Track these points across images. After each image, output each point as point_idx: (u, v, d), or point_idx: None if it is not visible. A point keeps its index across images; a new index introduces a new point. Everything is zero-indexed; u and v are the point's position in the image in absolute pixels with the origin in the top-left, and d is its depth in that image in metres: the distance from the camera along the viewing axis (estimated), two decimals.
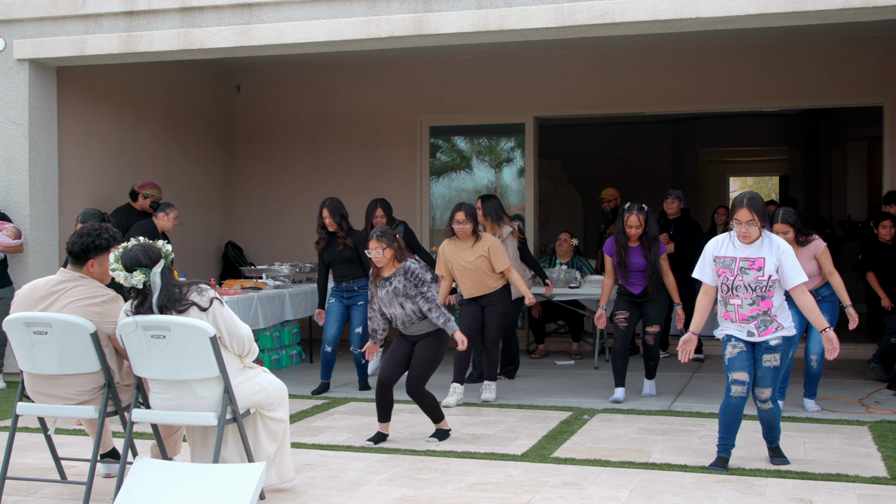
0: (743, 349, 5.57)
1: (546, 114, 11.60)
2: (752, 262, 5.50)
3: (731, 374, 5.59)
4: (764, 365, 5.57)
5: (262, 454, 5.12)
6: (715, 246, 5.66)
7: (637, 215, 7.75)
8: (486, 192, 10.98)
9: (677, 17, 7.33)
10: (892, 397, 8.01)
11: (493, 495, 5.19)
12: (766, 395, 5.64)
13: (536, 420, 7.18)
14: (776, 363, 5.57)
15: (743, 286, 5.50)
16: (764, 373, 5.58)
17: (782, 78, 10.77)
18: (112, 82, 10.16)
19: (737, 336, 5.60)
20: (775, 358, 5.57)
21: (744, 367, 5.56)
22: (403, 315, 6.37)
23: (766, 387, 5.62)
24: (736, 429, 5.67)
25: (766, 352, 5.56)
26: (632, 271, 7.82)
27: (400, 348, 6.50)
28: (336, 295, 8.39)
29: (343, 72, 11.87)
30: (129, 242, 4.97)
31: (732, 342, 5.60)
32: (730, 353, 5.60)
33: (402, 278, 6.30)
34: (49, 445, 5.47)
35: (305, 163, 12.07)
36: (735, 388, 5.57)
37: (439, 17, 7.86)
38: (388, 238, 6.32)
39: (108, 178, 10.13)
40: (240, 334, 4.99)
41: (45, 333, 4.99)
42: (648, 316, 7.91)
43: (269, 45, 8.38)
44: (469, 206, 7.85)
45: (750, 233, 5.49)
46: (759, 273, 5.48)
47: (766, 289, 5.49)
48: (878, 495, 5.17)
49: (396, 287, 6.31)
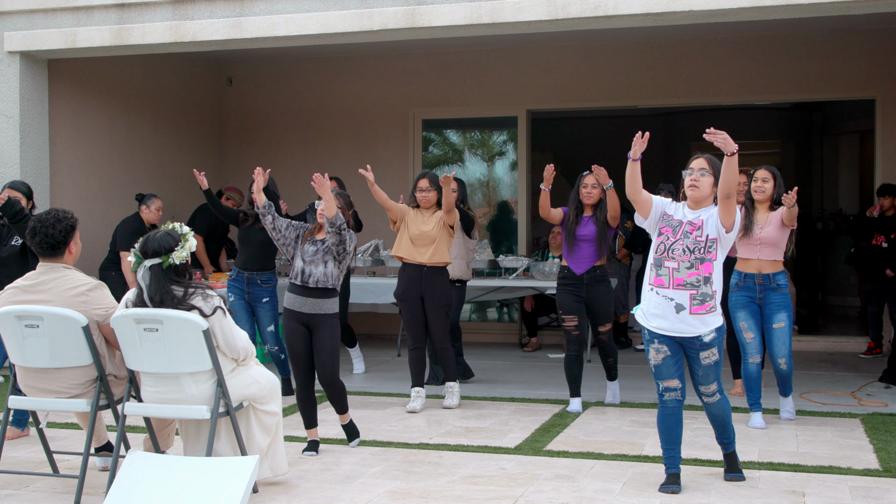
0: (667, 353, 5.11)
1: (539, 107, 11.60)
2: (694, 225, 5.09)
3: (662, 383, 5.16)
4: (703, 363, 5.13)
5: (254, 447, 5.12)
6: (667, 202, 5.25)
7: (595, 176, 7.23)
8: (482, 185, 10.98)
9: (670, 10, 7.32)
10: (883, 390, 8.04)
11: (486, 488, 5.19)
12: (713, 389, 5.22)
13: (529, 413, 7.19)
14: (716, 357, 5.12)
15: (681, 248, 5.05)
16: (706, 370, 5.14)
17: (774, 71, 10.77)
18: (104, 75, 10.13)
19: (659, 333, 5.11)
20: (713, 353, 5.12)
21: (672, 373, 5.13)
22: (321, 274, 5.96)
23: (710, 382, 5.19)
24: (678, 437, 5.19)
25: (703, 349, 5.10)
26: (579, 241, 7.22)
27: (299, 346, 6.06)
28: (236, 290, 7.84)
29: (335, 65, 11.85)
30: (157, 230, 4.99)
31: (655, 345, 5.12)
32: (654, 358, 5.14)
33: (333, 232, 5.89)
34: (41, 439, 5.46)
35: (298, 156, 12.04)
36: (668, 394, 5.17)
37: (432, 10, 7.85)
38: (342, 199, 6.10)
39: (100, 172, 10.10)
40: (236, 347, 4.98)
41: (36, 327, 4.98)
42: (598, 315, 7.33)
43: (262, 38, 8.36)
44: (433, 174, 7.52)
45: (700, 183, 5.13)
46: (699, 233, 5.06)
47: (706, 250, 5.04)
48: (870, 487, 5.19)
49: (327, 244, 5.96)
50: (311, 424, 6.09)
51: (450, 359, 7.52)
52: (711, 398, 5.24)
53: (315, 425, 6.10)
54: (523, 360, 9.90)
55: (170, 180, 11.13)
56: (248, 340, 5.10)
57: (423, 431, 6.62)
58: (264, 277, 7.84)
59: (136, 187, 10.44)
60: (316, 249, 6.02)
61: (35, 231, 5.12)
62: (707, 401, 5.27)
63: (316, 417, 6.11)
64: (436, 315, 7.42)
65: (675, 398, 5.18)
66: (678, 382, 5.16)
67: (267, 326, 7.86)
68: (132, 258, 4.93)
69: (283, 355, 7.91)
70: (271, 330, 7.84)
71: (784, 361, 6.77)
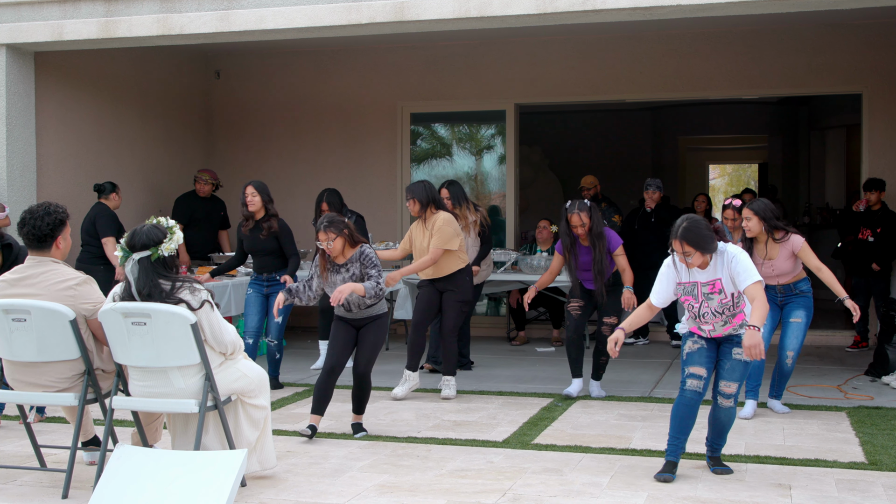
0: (704, 346, 5.28)
1: (527, 101, 11.59)
2: (713, 286, 5.17)
3: (688, 368, 5.27)
4: (734, 357, 5.24)
5: (243, 441, 5.11)
6: (673, 271, 5.29)
7: (578, 214, 7.30)
8: (470, 179, 10.99)
9: (658, 4, 7.32)
10: (869, 383, 8.08)
11: (474, 481, 5.20)
12: (732, 390, 5.27)
13: (517, 406, 7.20)
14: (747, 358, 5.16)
15: (710, 312, 5.19)
16: (734, 365, 5.24)
17: (762, 65, 10.80)
18: (91, 68, 10.08)
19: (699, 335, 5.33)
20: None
21: (703, 362, 5.25)
22: (357, 299, 6.17)
23: (734, 381, 5.25)
24: (688, 429, 5.28)
25: (736, 345, 5.23)
26: (582, 270, 7.49)
27: (343, 334, 6.29)
28: (255, 286, 7.98)
29: (324, 58, 11.83)
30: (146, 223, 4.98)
31: (694, 338, 5.33)
32: (689, 348, 5.31)
33: (358, 264, 6.14)
34: (28, 433, 5.44)
35: (286, 150, 12.02)
36: (690, 381, 5.24)
37: (420, 4, 7.84)
38: (336, 227, 6.07)
39: (87, 165, 10.05)
40: (223, 340, 4.98)
41: (23, 321, 4.96)
42: (606, 307, 7.49)
43: (250, 31, 8.32)
44: (414, 185, 7.59)
45: (690, 263, 5.14)
46: (721, 296, 5.16)
47: (734, 307, 5.19)
48: (856, 480, 5.22)
49: (354, 273, 6.14)
50: (318, 412, 6.22)
51: (452, 354, 7.64)
52: (727, 400, 5.29)
53: (321, 414, 6.23)
54: (511, 353, 9.91)
55: (157, 173, 11.09)
56: (236, 334, 5.09)
57: (411, 425, 6.63)
58: (282, 274, 7.90)
59: (124, 180, 10.40)
60: (342, 278, 6.20)
61: (24, 222, 5.13)
62: (722, 402, 5.31)
63: (325, 407, 6.23)
64: (450, 307, 7.62)
65: (696, 388, 5.24)
66: (704, 371, 5.26)
67: (275, 317, 7.83)
68: (119, 252, 4.92)
69: (279, 355, 7.95)
70: (278, 322, 7.83)
71: (791, 356, 6.86)
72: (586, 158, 15.65)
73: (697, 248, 5.08)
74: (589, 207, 7.37)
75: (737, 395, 5.31)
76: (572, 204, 7.39)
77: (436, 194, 7.65)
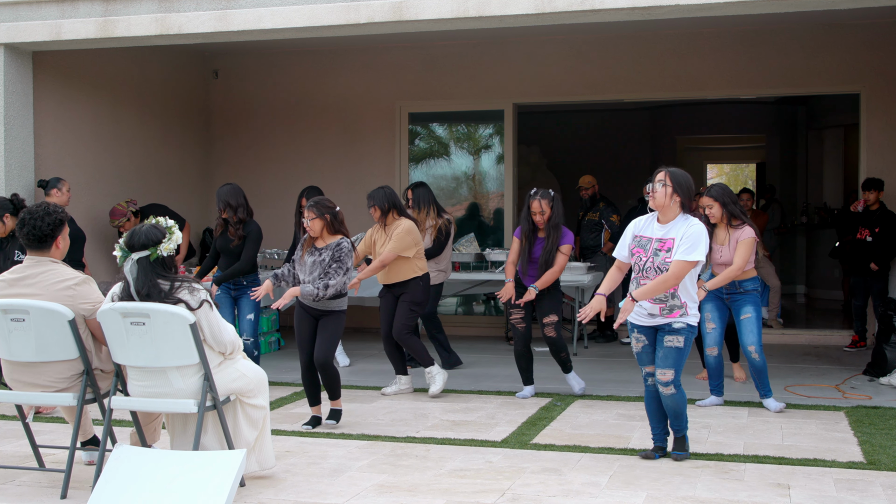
0: (645, 342, 5.58)
1: (525, 100, 11.59)
2: (663, 244, 5.41)
3: (643, 368, 5.66)
4: (666, 345, 5.45)
5: (242, 441, 5.11)
6: (637, 225, 5.58)
7: (540, 201, 7.31)
8: (468, 179, 10.98)
9: (656, 4, 7.32)
10: (867, 383, 8.09)
11: (473, 481, 5.20)
12: (669, 378, 5.47)
13: (516, 406, 7.20)
14: (679, 344, 5.42)
15: (654, 268, 5.41)
16: (666, 352, 5.45)
17: (760, 65, 10.80)
18: (89, 68, 10.07)
19: (638, 324, 5.56)
20: (678, 339, 5.43)
21: (650, 360, 5.59)
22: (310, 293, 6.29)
23: (668, 367, 5.46)
24: (662, 415, 5.65)
25: (669, 333, 5.45)
26: (531, 262, 7.40)
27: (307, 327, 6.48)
28: (223, 287, 7.87)
29: (322, 58, 11.82)
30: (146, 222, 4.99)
31: (636, 334, 5.61)
32: (635, 347, 5.64)
33: (330, 252, 6.30)
34: (27, 433, 5.44)
35: (284, 149, 12.02)
36: (648, 378, 5.65)
37: (419, 3, 7.83)
38: (318, 209, 6.31)
39: (85, 165, 10.04)
40: (223, 340, 4.98)
41: (22, 320, 4.96)
42: (542, 307, 7.44)
43: (248, 31, 8.32)
44: (375, 192, 7.56)
45: (656, 193, 5.38)
46: (667, 255, 5.38)
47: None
48: (854, 479, 5.22)
49: (325, 259, 6.31)
50: (313, 402, 6.53)
51: (414, 348, 7.65)
52: (666, 388, 5.51)
53: (318, 403, 6.52)
54: (509, 353, 9.89)
55: (155, 173, 11.09)
56: (235, 334, 5.10)
57: (409, 425, 6.63)
58: (250, 279, 7.86)
59: (122, 180, 10.41)
60: (314, 261, 6.34)
61: (24, 222, 5.13)
62: (662, 391, 5.53)
63: (319, 396, 6.54)
64: (400, 307, 7.67)
65: (653, 383, 5.61)
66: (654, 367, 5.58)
67: (246, 315, 7.86)
68: (118, 252, 4.92)
69: (256, 352, 7.92)
70: (250, 319, 7.81)
71: (754, 349, 6.93)
72: (584, 158, 15.66)
73: (679, 190, 5.41)
74: (552, 198, 7.38)
75: (676, 380, 5.49)
76: (537, 191, 7.42)
77: (397, 200, 7.62)
